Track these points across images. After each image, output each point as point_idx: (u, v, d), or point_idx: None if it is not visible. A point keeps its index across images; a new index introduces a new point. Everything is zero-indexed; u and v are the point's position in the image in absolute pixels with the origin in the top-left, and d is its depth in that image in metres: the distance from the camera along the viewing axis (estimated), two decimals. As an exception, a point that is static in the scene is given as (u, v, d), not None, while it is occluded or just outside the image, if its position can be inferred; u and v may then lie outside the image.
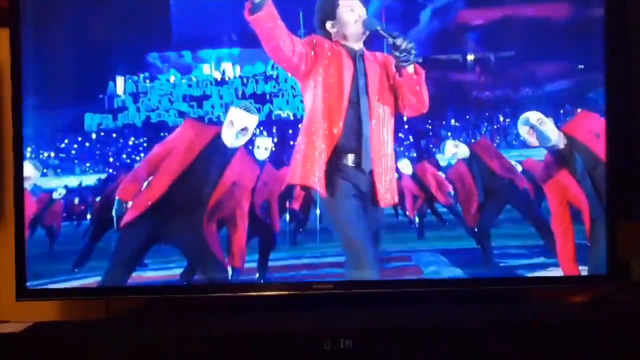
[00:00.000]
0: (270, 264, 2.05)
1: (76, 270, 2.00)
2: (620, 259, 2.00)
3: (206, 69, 2.05)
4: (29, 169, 1.97)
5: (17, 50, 1.92)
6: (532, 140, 2.04)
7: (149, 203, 1.96)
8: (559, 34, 2.01)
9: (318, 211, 2.00)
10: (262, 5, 1.82)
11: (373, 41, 2.00)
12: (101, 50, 2.00)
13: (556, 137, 2.03)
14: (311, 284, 1.96)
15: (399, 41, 1.91)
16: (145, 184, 1.98)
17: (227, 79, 2.05)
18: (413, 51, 1.92)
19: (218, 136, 2.00)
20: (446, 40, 2.05)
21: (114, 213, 1.97)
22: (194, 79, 2.05)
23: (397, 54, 1.93)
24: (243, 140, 2.00)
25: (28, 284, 1.95)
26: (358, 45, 1.98)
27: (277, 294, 1.97)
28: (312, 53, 1.92)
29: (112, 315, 2.06)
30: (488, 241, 2.09)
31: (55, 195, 2.04)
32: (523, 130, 2.04)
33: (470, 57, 2.05)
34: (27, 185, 1.97)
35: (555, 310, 2.06)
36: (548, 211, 2.06)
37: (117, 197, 1.98)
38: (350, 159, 1.96)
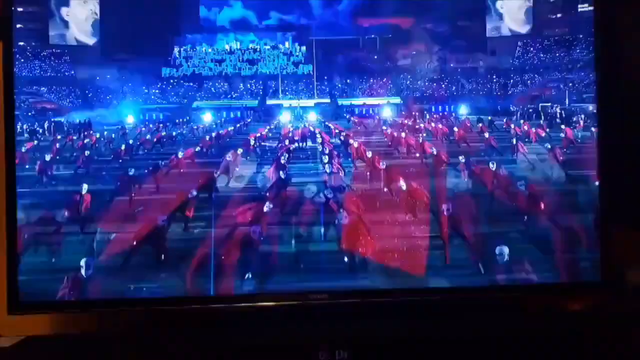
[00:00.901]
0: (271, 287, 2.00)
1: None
2: (615, 266, 2.01)
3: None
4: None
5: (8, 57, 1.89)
6: None
7: (132, 243, 1.91)
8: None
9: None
10: None
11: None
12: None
13: None
14: (307, 294, 1.92)
15: None
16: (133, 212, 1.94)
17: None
18: None
19: (212, 180, 1.97)
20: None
21: (94, 244, 1.93)
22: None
23: None
24: (238, 186, 1.97)
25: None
26: None
27: (272, 305, 1.92)
28: None
29: (104, 328, 1.98)
30: (493, 267, 2.08)
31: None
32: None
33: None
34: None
35: (551, 317, 2.03)
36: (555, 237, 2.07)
37: (98, 227, 1.93)
38: None
